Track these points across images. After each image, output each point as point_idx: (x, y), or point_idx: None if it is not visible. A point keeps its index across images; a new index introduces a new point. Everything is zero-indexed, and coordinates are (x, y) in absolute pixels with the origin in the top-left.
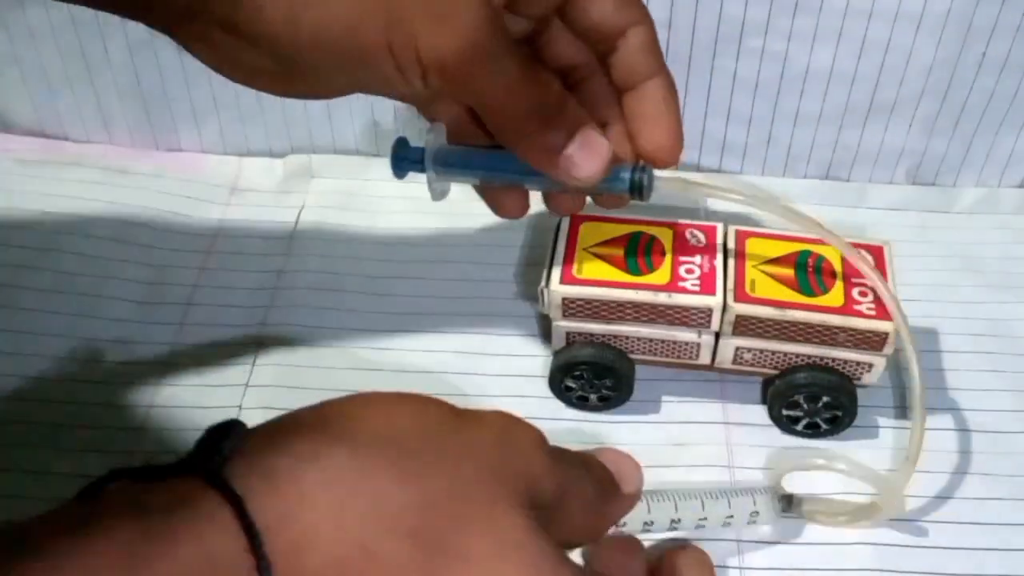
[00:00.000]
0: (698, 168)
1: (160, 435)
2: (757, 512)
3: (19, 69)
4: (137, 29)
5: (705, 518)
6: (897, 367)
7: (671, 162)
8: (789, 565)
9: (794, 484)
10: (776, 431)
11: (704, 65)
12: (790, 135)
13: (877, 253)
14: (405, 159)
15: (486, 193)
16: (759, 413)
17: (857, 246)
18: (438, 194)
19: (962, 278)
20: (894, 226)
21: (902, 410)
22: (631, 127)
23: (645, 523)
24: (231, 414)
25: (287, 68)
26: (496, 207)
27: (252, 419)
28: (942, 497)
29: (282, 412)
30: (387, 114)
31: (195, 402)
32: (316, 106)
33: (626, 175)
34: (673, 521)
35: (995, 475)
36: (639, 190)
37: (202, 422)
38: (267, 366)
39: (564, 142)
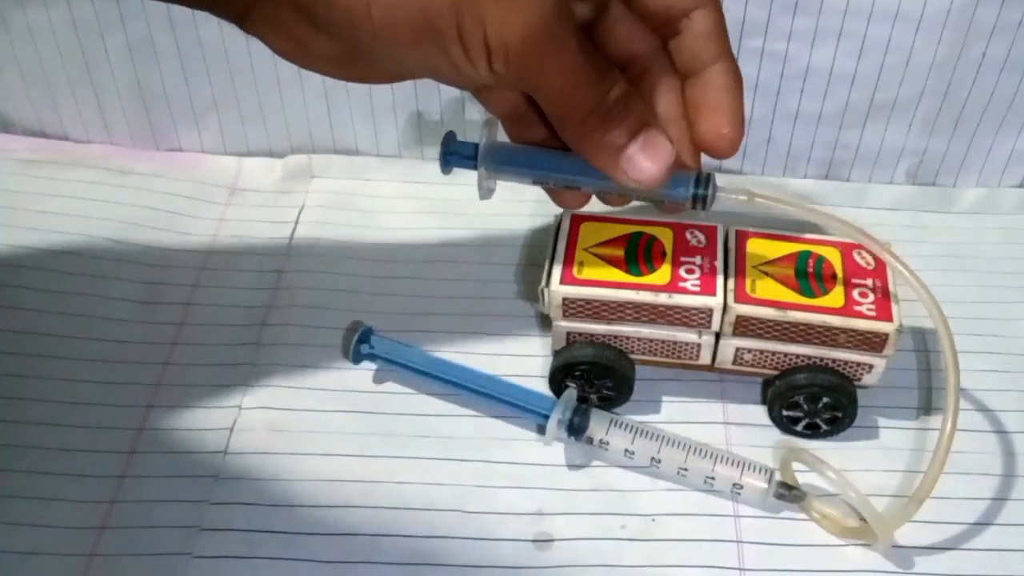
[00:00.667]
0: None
1: (160, 435)
2: (740, 487)
3: (19, 69)
4: (137, 29)
5: (687, 468)
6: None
7: (730, 153)
8: (789, 566)
9: (804, 477)
10: (776, 431)
11: None
12: (790, 135)
13: (879, 261)
14: (456, 154)
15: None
16: (759, 413)
17: (857, 246)
18: (486, 192)
19: (962, 278)
20: (894, 226)
21: (903, 411)
22: (691, 115)
23: (626, 450)
24: (231, 415)
25: (355, 51)
26: (556, 200)
27: (253, 419)
28: (942, 497)
29: (282, 412)
30: (387, 114)
31: (195, 403)
32: (316, 106)
33: (689, 184)
34: (654, 459)
35: (995, 475)
36: (702, 200)
37: (203, 423)
38: (267, 365)
39: (626, 141)
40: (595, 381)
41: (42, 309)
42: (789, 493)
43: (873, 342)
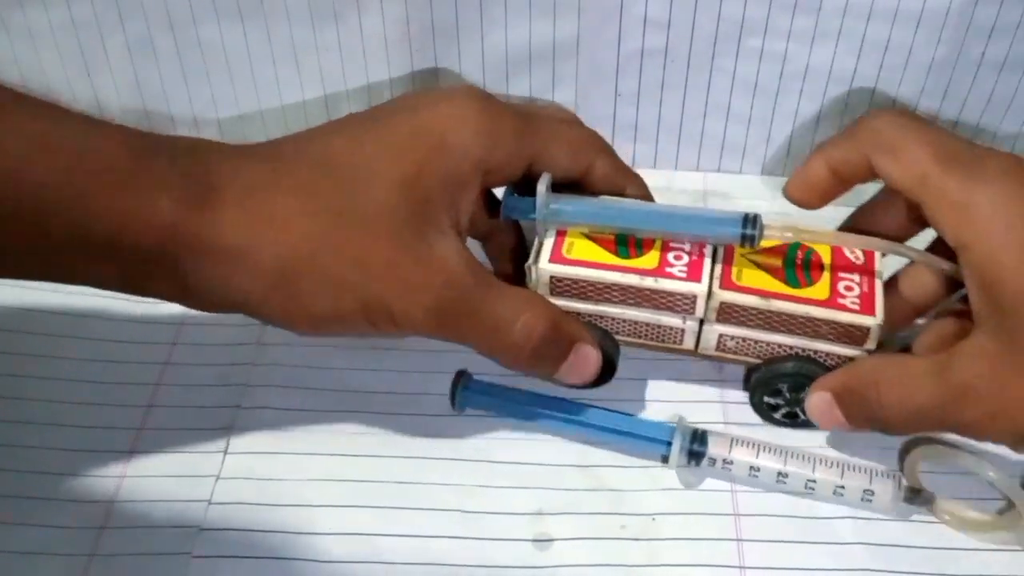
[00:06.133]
0: (697, 167)
1: (160, 435)
2: (872, 492)
3: (19, 69)
4: (137, 29)
5: (815, 480)
6: None
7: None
8: (789, 565)
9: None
10: (775, 428)
11: (703, 64)
12: (789, 135)
13: (868, 256)
14: (515, 209)
15: None
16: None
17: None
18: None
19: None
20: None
21: None
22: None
23: (751, 468)
24: (231, 414)
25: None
26: None
27: (253, 418)
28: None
29: (282, 412)
30: None
31: (195, 402)
32: (315, 107)
33: (737, 226)
34: (780, 475)
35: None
36: (749, 240)
37: (203, 422)
38: (268, 365)
39: (557, 367)
40: None
41: (42, 308)
42: (919, 496)
43: (855, 335)
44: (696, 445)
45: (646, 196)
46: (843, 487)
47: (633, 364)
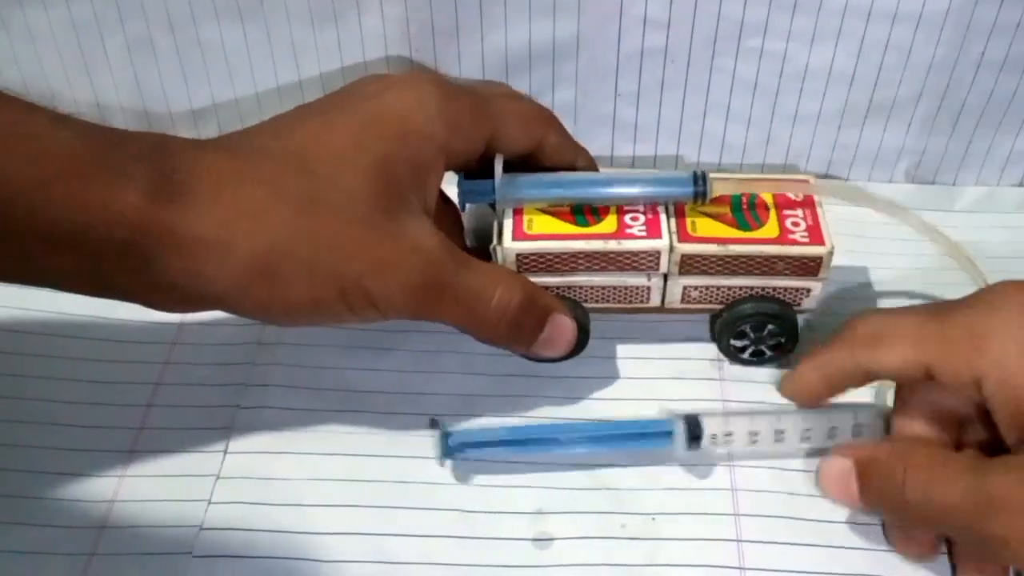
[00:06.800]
0: (697, 166)
1: (160, 434)
2: (862, 425)
3: (19, 69)
4: (137, 29)
5: (810, 428)
6: None
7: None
8: (789, 566)
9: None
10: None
11: (703, 64)
12: (789, 134)
13: (804, 189)
14: (472, 193)
15: None
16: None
17: (785, 182)
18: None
19: (963, 277)
20: (894, 225)
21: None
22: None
23: (751, 433)
24: (231, 414)
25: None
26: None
27: (253, 418)
28: None
29: (281, 412)
30: None
31: (195, 401)
32: None
33: (689, 185)
34: (778, 432)
35: None
36: (702, 196)
37: (203, 422)
38: (268, 365)
39: (535, 336)
40: None
41: (42, 308)
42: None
43: (809, 266)
44: (694, 428)
45: (593, 166)
46: (835, 427)
47: (633, 364)
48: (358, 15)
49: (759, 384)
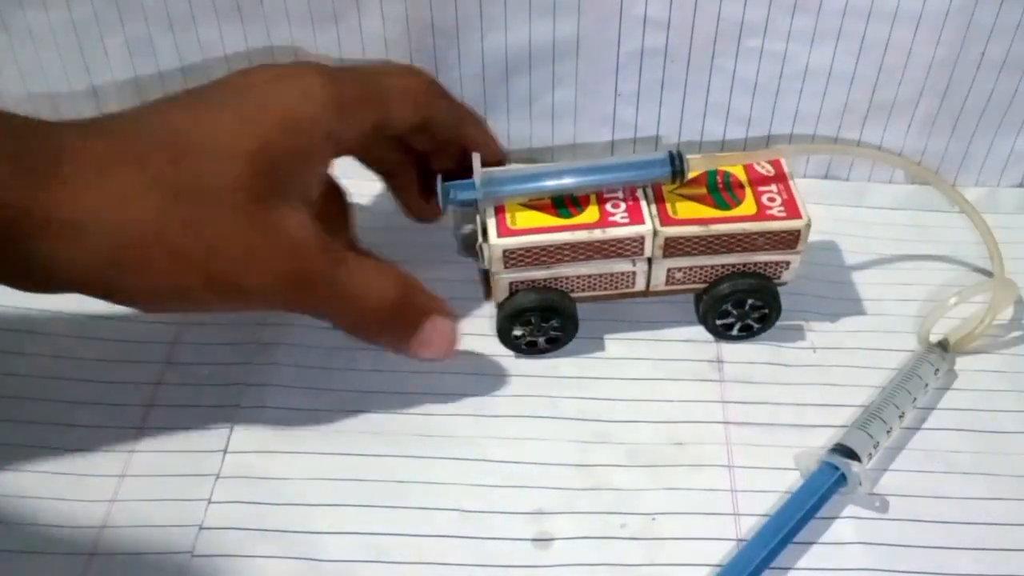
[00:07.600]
0: None
1: (160, 434)
2: (937, 369)
3: (19, 69)
4: (137, 29)
5: (915, 398)
6: None
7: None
8: (788, 564)
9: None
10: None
11: (703, 65)
12: (789, 135)
13: (776, 165)
14: (453, 196)
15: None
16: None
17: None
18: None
19: (963, 277)
20: (894, 225)
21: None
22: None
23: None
24: (230, 414)
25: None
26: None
27: (253, 417)
28: (941, 497)
29: (281, 411)
30: None
31: (195, 402)
32: None
33: (666, 165)
34: (900, 417)
35: (996, 475)
36: (680, 175)
37: (204, 421)
38: (268, 365)
39: (412, 335)
40: (542, 324)
41: (42, 307)
42: (949, 349)
43: (787, 240)
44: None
45: (485, 133)
46: (927, 384)
47: (632, 364)
48: (358, 15)
49: (759, 384)
